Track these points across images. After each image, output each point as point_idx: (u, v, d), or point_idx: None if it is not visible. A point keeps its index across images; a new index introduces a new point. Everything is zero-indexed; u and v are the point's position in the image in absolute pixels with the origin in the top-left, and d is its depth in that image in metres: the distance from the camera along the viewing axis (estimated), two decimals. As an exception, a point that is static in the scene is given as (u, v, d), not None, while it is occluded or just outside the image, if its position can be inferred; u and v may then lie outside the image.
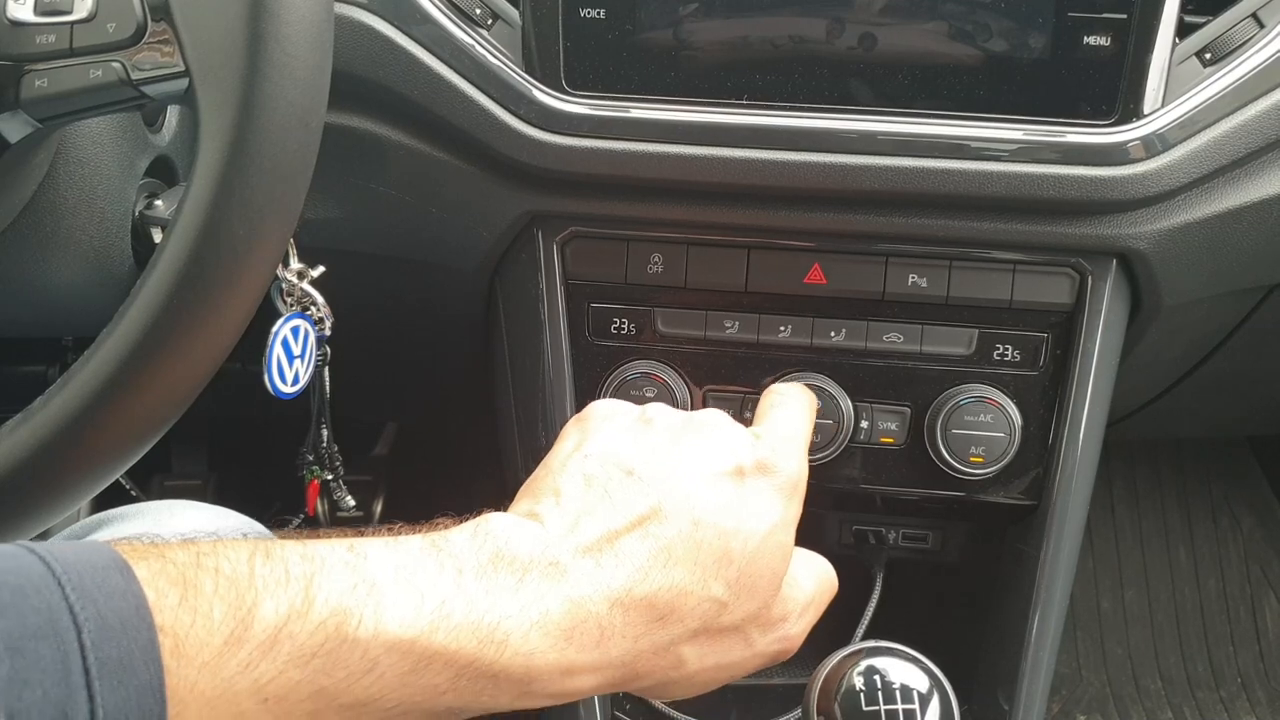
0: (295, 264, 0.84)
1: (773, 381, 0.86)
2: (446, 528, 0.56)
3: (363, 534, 0.54)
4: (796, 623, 0.63)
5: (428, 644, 0.49)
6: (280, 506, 1.44)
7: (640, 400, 0.85)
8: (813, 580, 0.65)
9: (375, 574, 0.49)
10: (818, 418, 0.84)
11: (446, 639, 0.49)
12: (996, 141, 0.77)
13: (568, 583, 0.53)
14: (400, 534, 0.54)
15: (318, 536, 0.54)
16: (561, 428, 0.87)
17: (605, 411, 0.66)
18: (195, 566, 0.45)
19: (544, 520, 0.57)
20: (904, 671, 0.71)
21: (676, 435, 0.63)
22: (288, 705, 0.46)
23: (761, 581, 0.59)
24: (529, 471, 0.64)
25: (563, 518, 0.57)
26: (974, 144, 0.78)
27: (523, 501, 0.61)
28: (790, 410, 0.71)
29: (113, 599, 0.41)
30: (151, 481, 1.52)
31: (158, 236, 0.78)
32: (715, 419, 0.65)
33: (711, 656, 0.59)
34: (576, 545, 0.55)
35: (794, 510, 0.63)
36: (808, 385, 0.83)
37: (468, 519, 0.56)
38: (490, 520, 0.56)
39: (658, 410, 0.66)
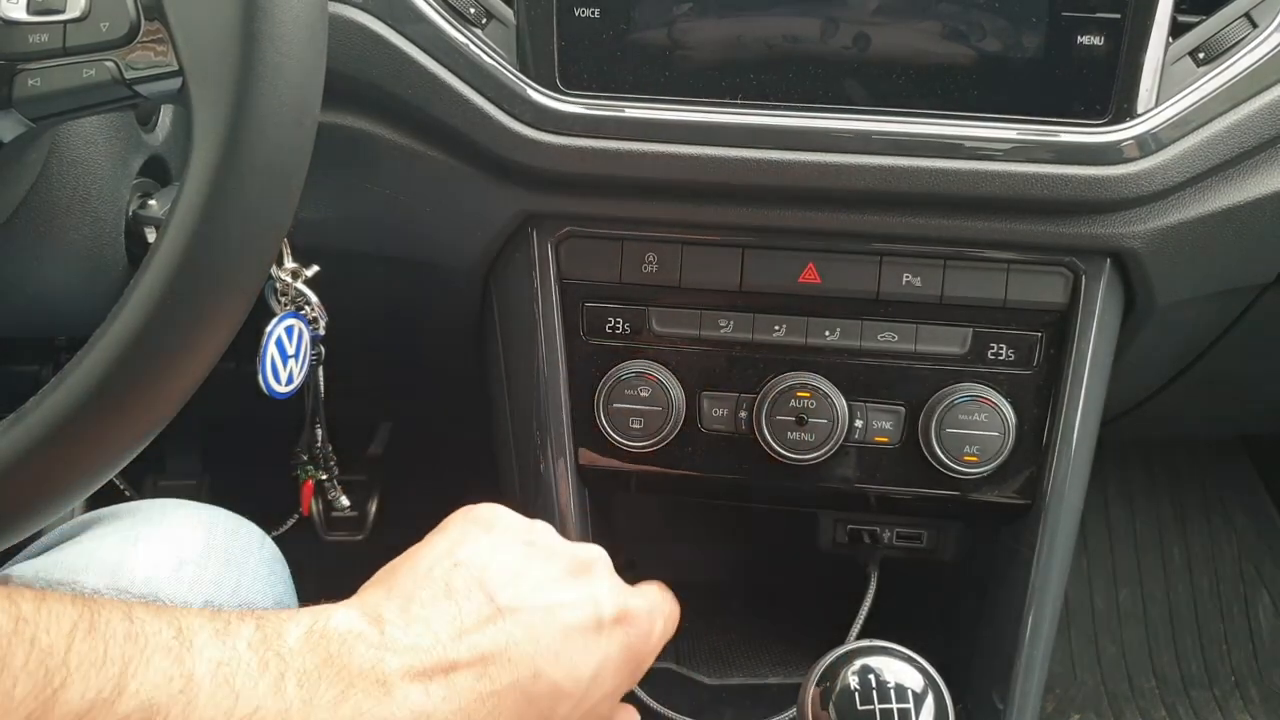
0: (289, 263, 0.84)
1: (770, 380, 0.86)
2: (325, 604, 0.55)
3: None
4: None
5: None
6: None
7: (635, 399, 0.85)
8: None
9: (195, 667, 0.48)
10: (812, 417, 0.84)
11: None
12: (991, 141, 0.77)
13: (390, 704, 0.53)
14: (242, 620, 0.52)
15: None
16: (556, 427, 0.87)
17: (491, 519, 0.66)
18: (12, 634, 0.43)
19: (385, 628, 0.56)
20: (899, 671, 0.72)
21: (551, 569, 0.62)
22: None
23: None
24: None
25: (406, 630, 0.56)
26: (968, 143, 0.78)
27: (376, 590, 0.60)
28: (664, 595, 0.72)
29: None
30: (145, 481, 1.52)
31: (151, 236, 0.78)
32: (595, 558, 0.66)
33: None
34: (410, 666, 0.54)
35: (633, 680, 0.64)
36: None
37: (321, 603, 0.56)
38: (331, 619, 0.55)
39: (544, 535, 0.66)
